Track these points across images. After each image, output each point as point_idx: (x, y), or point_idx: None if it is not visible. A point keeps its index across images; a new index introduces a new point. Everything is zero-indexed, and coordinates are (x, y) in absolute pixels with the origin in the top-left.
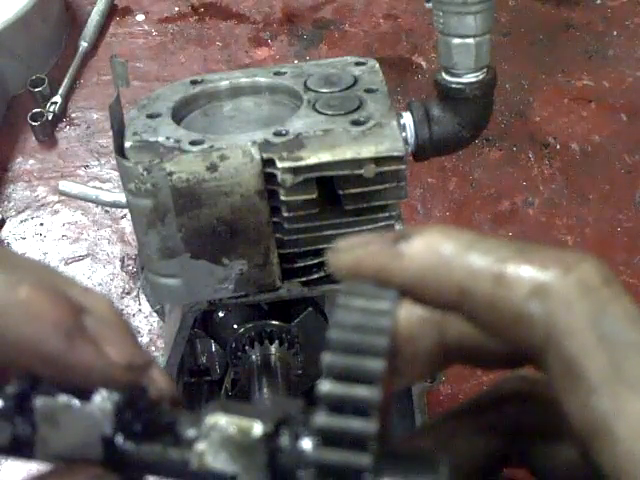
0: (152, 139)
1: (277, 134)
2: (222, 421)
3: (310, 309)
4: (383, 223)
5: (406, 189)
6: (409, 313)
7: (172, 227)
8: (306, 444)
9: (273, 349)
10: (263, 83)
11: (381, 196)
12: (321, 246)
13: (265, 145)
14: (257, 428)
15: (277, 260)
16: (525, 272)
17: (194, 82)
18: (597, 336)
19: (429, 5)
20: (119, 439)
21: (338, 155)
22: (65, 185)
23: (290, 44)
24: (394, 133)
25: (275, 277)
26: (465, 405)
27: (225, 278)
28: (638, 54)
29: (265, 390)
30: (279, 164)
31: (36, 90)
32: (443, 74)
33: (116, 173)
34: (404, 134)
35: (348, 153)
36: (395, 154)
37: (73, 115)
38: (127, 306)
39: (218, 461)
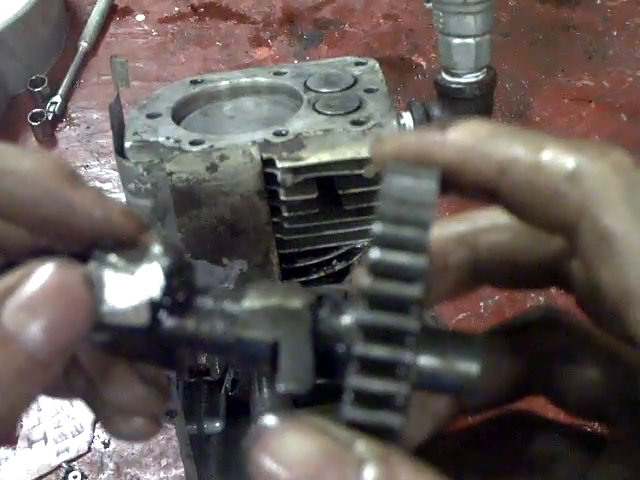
0: (152, 139)
1: (277, 134)
2: (264, 294)
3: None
4: None
5: None
6: (441, 230)
7: (172, 227)
8: (348, 318)
9: None
10: (263, 83)
11: None
12: (321, 246)
13: (265, 145)
14: (299, 299)
15: (277, 260)
16: (563, 155)
17: (194, 82)
18: (631, 207)
19: (429, 5)
20: (165, 309)
21: (338, 155)
22: None
23: (290, 44)
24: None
25: (275, 277)
26: (491, 328)
27: (225, 278)
28: (638, 54)
29: (265, 390)
30: (279, 164)
31: (36, 90)
32: (443, 74)
33: (116, 173)
34: None
35: (348, 153)
36: None
37: (73, 115)
38: None
39: (261, 328)
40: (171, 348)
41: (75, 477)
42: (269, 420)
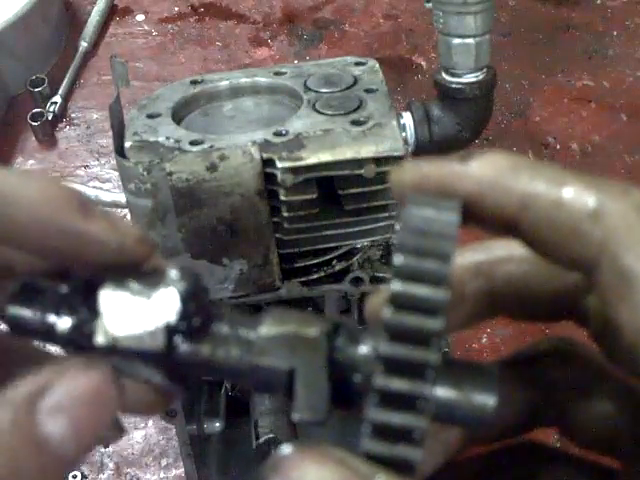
0: (152, 139)
1: (277, 134)
2: (280, 320)
3: (310, 309)
4: (383, 223)
5: None
6: (457, 259)
7: (172, 227)
8: (365, 348)
9: None
10: (263, 83)
11: (381, 196)
12: (321, 246)
13: (265, 145)
14: (316, 327)
15: (277, 260)
16: (584, 192)
17: (194, 82)
18: None
19: (429, 5)
20: (180, 333)
21: (338, 155)
22: None
23: (290, 44)
24: (394, 133)
25: (275, 277)
26: (503, 359)
27: (225, 278)
28: (638, 54)
29: None
30: (279, 164)
31: (36, 90)
32: (443, 74)
33: (116, 173)
34: (404, 134)
35: (348, 153)
36: (395, 154)
37: (73, 115)
38: None
39: (277, 356)
40: (185, 372)
41: (75, 477)
42: (288, 450)
